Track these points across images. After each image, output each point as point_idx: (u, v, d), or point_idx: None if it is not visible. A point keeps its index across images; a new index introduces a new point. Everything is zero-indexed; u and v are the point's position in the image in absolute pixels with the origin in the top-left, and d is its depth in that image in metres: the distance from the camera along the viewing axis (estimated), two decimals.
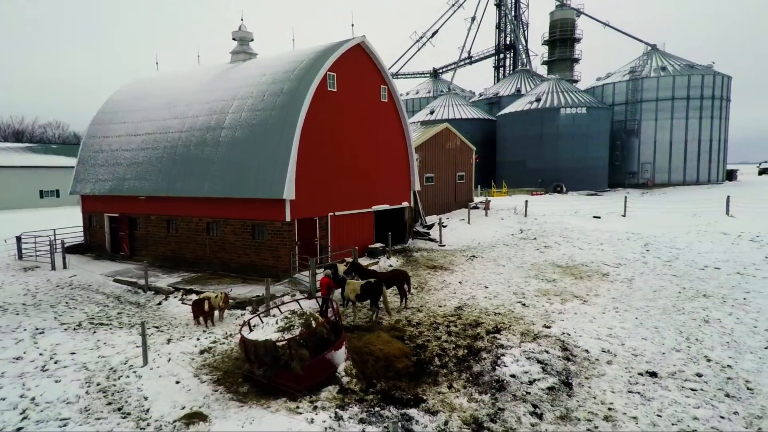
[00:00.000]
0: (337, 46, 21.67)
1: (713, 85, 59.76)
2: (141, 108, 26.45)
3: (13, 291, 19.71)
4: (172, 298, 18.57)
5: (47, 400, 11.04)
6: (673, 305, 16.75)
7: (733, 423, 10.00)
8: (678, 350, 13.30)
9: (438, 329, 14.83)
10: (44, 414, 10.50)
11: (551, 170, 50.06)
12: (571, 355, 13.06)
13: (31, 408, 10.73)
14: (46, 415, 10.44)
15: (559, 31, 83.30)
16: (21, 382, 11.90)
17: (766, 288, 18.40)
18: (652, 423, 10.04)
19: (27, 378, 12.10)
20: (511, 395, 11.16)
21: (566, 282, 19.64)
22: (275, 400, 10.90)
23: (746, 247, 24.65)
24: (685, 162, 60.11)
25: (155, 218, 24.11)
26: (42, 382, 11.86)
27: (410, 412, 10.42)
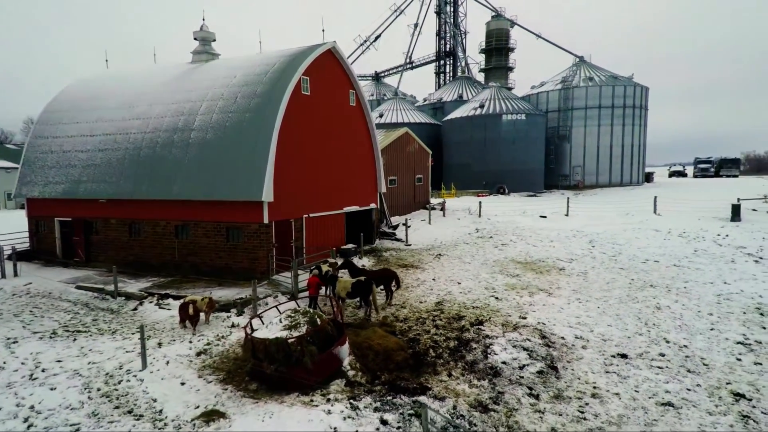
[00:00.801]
0: (309, 51, 21.98)
1: (633, 95, 64.91)
2: (95, 107, 25.38)
3: None
4: (147, 303, 18.13)
5: (49, 408, 10.78)
6: (627, 295, 18.53)
7: (698, 393, 11.50)
8: (640, 334, 14.87)
9: (425, 323, 15.62)
10: (50, 421, 10.29)
11: (494, 173, 52.56)
12: (550, 342, 14.25)
13: (33, 416, 10.47)
14: (52, 422, 10.24)
15: (495, 41, 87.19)
16: (12, 391, 11.48)
17: (700, 278, 20.69)
18: (632, 398, 11.34)
19: (17, 387, 11.68)
20: (507, 380, 12.13)
21: (529, 277, 21.07)
22: (288, 395, 11.22)
23: (676, 242, 27.37)
24: (611, 165, 64.83)
25: (116, 222, 23.25)
26: (36, 391, 11.49)
27: (420, 399, 11.08)
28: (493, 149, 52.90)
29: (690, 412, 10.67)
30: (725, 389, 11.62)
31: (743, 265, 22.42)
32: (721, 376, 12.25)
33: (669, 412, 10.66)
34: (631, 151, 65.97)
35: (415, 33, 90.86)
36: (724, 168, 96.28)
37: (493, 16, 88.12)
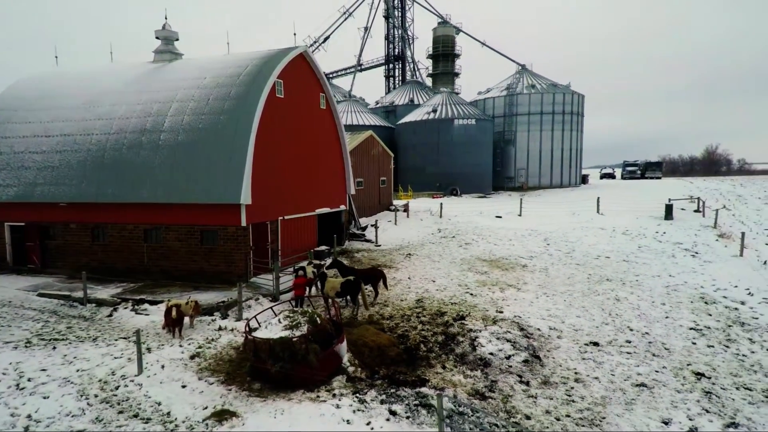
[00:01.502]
0: (282, 54, 22.08)
1: (571, 102, 68.63)
2: (48, 107, 24.22)
3: None
4: (121, 309, 17.63)
5: (48, 416, 10.55)
6: (587, 288, 19.99)
7: (665, 374, 12.82)
8: (606, 324, 16.20)
9: (410, 320, 16.25)
10: (53, 428, 10.13)
11: (447, 175, 54.09)
12: (529, 334, 15.27)
13: (32, 425, 10.26)
14: (55, 429, 10.03)
15: (441, 47, 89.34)
16: (4, 402, 11.07)
17: (648, 271, 22.59)
18: (610, 381, 12.49)
19: (5, 398, 11.29)
20: (498, 369, 12.97)
21: (496, 274, 22.18)
22: (293, 393, 11.52)
23: (622, 239, 29.55)
24: (551, 168, 68.23)
25: (76, 226, 22.31)
26: (28, 400, 11.16)
27: (423, 390, 11.68)
28: (446, 152, 54.47)
29: (661, 391, 11.90)
30: (687, 370, 13.01)
31: (683, 259, 24.63)
32: (682, 359, 13.67)
33: (644, 392, 11.85)
34: (570, 154, 69.71)
35: (365, 36, 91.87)
36: (648, 171, 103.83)
37: (440, 22, 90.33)
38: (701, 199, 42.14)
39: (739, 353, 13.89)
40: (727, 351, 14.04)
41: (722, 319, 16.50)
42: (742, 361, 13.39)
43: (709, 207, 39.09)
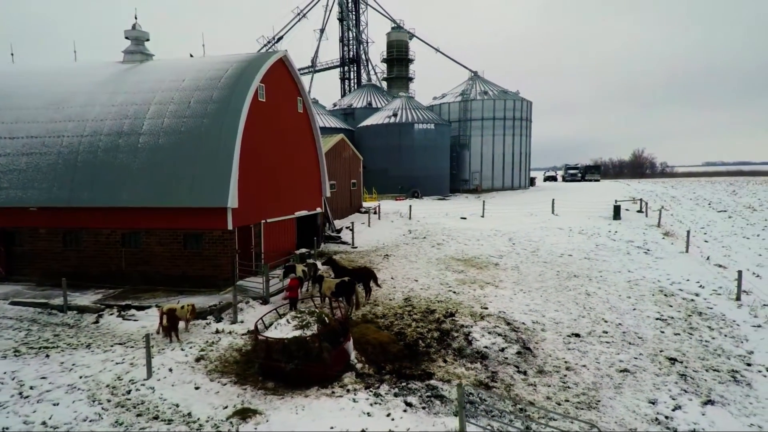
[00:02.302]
0: (264, 58, 22.14)
1: (521, 108, 71.53)
2: (10, 107, 23.12)
3: None
4: (107, 315, 17.18)
5: (64, 422, 10.45)
6: (559, 284, 21.29)
7: (643, 360, 14.06)
8: (583, 317, 17.42)
9: (404, 318, 16.85)
10: None
11: (409, 178, 55.13)
12: (515, 328, 16.23)
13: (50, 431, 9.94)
14: None
15: (396, 51, 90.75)
16: (8, 410, 10.86)
17: (609, 268, 24.26)
18: (597, 368, 13.58)
19: (12, 406, 11.05)
20: (495, 361, 13.80)
21: (473, 272, 23.16)
22: (308, 390, 11.87)
23: (579, 238, 31.41)
24: (503, 171, 70.86)
25: (45, 231, 21.43)
26: (38, 407, 10.98)
27: (431, 383, 12.31)
28: (407, 156, 55.50)
29: (643, 375, 13.09)
30: (661, 356, 14.32)
31: (637, 256, 26.59)
32: (654, 346, 15.00)
33: (628, 377, 13.00)
34: (520, 158, 72.64)
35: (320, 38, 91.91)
36: (588, 174, 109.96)
37: (393, 27, 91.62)
38: (643, 201, 45.28)
39: (703, 339, 15.40)
40: (692, 338, 15.53)
41: (682, 309, 18.13)
42: (706, 346, 14.87)
43: (650, 208, 42.09)
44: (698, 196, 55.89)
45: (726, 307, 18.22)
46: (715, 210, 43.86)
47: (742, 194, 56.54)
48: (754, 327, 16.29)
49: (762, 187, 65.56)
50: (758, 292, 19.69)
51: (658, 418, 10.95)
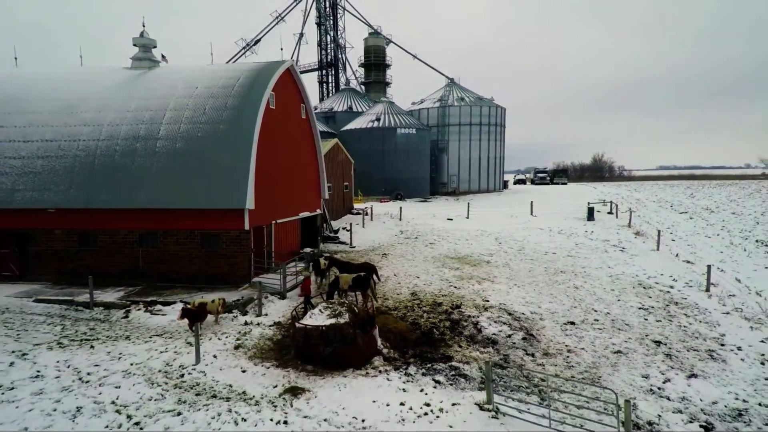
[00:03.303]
0: (274, 67, 23.15)
1: (495, 114, 74.01)
2: (22, 110, 23.43)
3: None
4: (135, 311, 17.90)
5: (132, 401, 11.32)
6: (549, 279, 22.99)
7: (633, 343, 15.72)
8: (575, 307, 19.09)
9: (414, 310, 18.18)
10: (144, 411, 10.94)
11: (392, 180, 56.57)
12: (517, 318, 17.76)
13: (122, 409, 10.97)
14: (147, 411, 10.90)
15: (373, 57, 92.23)
16: (76, 393, 11.67)
17: (591, 264, 26.14)
18: (594, 350, 15.17)
19: (76, 390, 11.86)
20: (505, 346, 15.27)
21: (468, 269, 24.67)
22: (345, 371, 13.09)
23: (560, 238, 33.38)
24: (479, 174, 73.16)
25: (61, 232, 21.88)
26: (103, 390, 11.86)
27: (453, 364, 13.68)
28: (390, 159, 56.94)
29: (634, 355, 14.77)
30: (647, 339, 16.05)
31: (614, 253, 28.63)
32: (641, 331, 16.75)
33: (622, 357, 14.65)
34: (495, 162, 75.14)
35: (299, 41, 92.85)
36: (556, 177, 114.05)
37: (371, 33, 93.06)
38: (613, 203, 47.92)
39: (681, 325, 17.25)
40: (672, 323, 17.36)
41: (660, 300, 20.03)
42: (684, 331, 16.71)
43: (619, 210, 44.67)
44: (660, 199, 59.20)
45: (698, 298, 20.23)
46: (677, 212, 46.83)
47: (699, 197, 60.17)
48: (724, 314, 18.29)
49: (716, 190, 69.71)
50: (724, 285, 21.85)
51: (653, 389, 12.60)
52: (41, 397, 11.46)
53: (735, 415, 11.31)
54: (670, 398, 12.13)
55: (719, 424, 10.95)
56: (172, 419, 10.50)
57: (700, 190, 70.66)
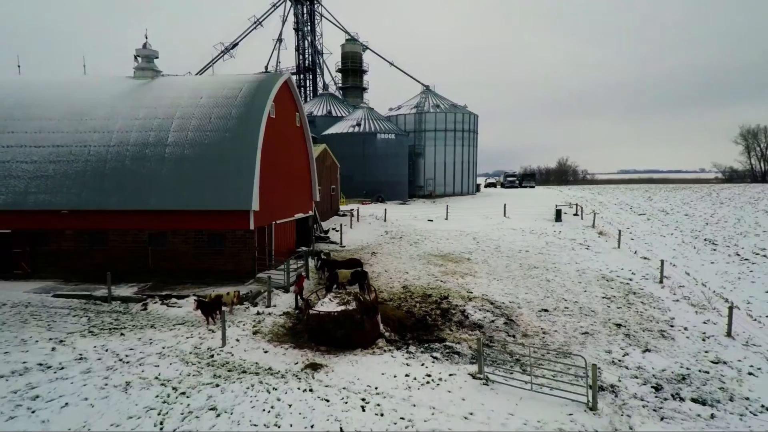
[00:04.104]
0: (274, 80, 24.73)
1: (469, 121, 76.76)
2: (31, 117, 24.36)
3: None
4: (152, 304, 19.21)
5: (173, 376, 12.85)
6: (523, 274, 25.22)
7: (598, 326, 17.96)
8: (547, 297, 21.31)
9: (407, 301, 20.08)
10: (186, 383, 12.51)
11: (373, 183, 58.35)
12: (497, 306, 19.84)
13: (166, 383, 12.47)
14: (189, 384, 12.48)
15: (350, 62, 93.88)
16: (121, 371, 13.13)
17: (560, 260, 28.53)
18: (565, 332, 17.34)
19: (120, 368, 13.33)
20: (490, 329, 17.33)
21: (451, 265, 26.71)
22: (354, 350, 14.89)
23: (531, 237, 35.81)
24: (454, 178, 75.73)
25: (72, 232, 22.93)
26: (144, 368, 13.38)
27: (447, 344, 15.64)
28: (371, 163, 58.74)
29: (599, 335, 17.01)
30: (610, 323, 18.33)
31: (580, 251, 31.16)
32: (604, 317, 19.04)
33: (589, 337, 16.87)
34: (468, 167, 77.87)
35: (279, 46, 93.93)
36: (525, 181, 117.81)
37: (348, 39, 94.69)
38: (579, 205, 50.93)
39: (638, 310, 19.64)
40: (630, 309, 19.74)
41: (621, 290, 22.46)
42: (641, 315, 19.10)
43: (584, 211, 47.64)
44: (621, 201, 62.72)
45: (652, 288, 22.76)
46: (636, 213, 50.12)
47: (656, 200, 64.00)
48: (674, 301, 20.80)
49: (671, 193, 73.98)
50: (675, 277, 24.50)
51: (614, 361, 14.81)
52: (90, 375, 12.88)
53: (679, 379, 13.60)
54: (628, 367, 14.36)
55: (667, 385, 13.19)
56: (213, 390, 12.10)
57: (657, 194, 74.82)
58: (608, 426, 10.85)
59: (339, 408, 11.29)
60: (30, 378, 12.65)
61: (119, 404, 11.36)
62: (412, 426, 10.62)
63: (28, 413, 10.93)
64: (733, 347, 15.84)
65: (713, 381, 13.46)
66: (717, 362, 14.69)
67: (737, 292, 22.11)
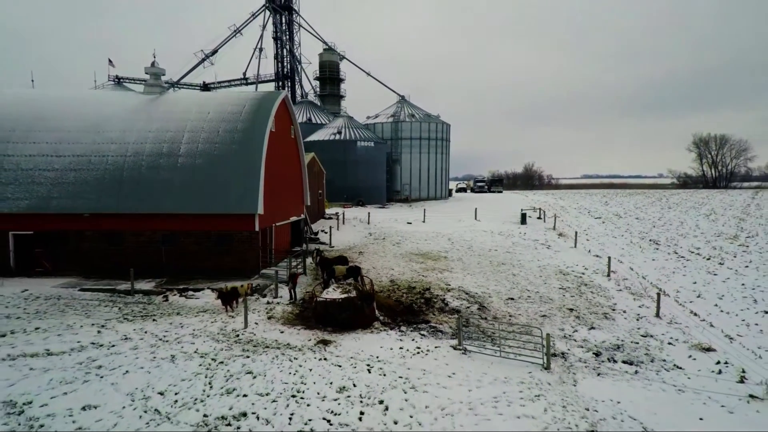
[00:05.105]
0: (274, 97, 27.28)
1: (442, 130, 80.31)
2: (50, 129, 26.20)
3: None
4: (171, 296, 21.47)
5: (207, 351, 15.26)
6: (493, 269, 28.38)
7: (554, 310, 21.17)
8: (513, 288, 24.49)
9: (395, 292, 22.91)
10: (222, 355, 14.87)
11: (354, 188, 61.05)
12: (472, 296, 22.87)
13: (205, 356, 14.83)
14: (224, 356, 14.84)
15: (328, 71, 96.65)
16: (165, 347, 15.48)
17: (524, 258, 31.84)
18: (527, 315, 20.49)
19: (162, 346, 15.63)
20: (466, 313, 20.30)
21: (430, 263, 29.67)
22: (355, 331, 17.60)
23: (499, 238, 39.16)
24: (428, 183, 79.11)
25: (91, 233, 24.89)
26: (183, 345, 15.73)
27: (431, 324, 18.54)
28: (351, 169, 61.47)
29: (555, 318, 20.21)
30: (564, 308, 21.58)
31: (542, 250, 34.62)
32: (559, 303, 22.29)
33: (547, 319, 20.05)
34: (441, 173, 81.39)
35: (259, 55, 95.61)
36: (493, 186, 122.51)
37: (325, 48, 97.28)
38: (542, 209, 54.83)
39: (588, 298, 22.99)
40: (581, 297, 23.07)
41: (574, 282, 25.85)
42: (589, 302, 22.43)
43: (547, 215, 51.49)
44: (581, 206, 67.15)
45: (601, 281, 26.23)
46: (593, 217, 54.31)
47: (612, 205, 68.73)
48: (617, 290, 24.28)
49: (626, 199, 79.07)
50: (620, 272, 28.09)
51: (565, 336, 17.98)
52: (138, 350, 15.21)
53: (615, 348, 16.85)
54: (576, 340, 17.55)
55: (605, 352, 16.41)
56: (245, 359, 14.63)
57: (614, 199, 79.84)
58: (558, 380, 13.92)
59: (350, 371, 14.00)
60: (88, 353, 14.91)
61: (171, 371, 13.79)
62: (409, 382, 13.42)
63: (98, 378, 13.26)
64: (659, 325, 19.29)
65: (640, 349, 16.78)
66: (645, 336, 18.06)
67: (670, 284, 25.81)
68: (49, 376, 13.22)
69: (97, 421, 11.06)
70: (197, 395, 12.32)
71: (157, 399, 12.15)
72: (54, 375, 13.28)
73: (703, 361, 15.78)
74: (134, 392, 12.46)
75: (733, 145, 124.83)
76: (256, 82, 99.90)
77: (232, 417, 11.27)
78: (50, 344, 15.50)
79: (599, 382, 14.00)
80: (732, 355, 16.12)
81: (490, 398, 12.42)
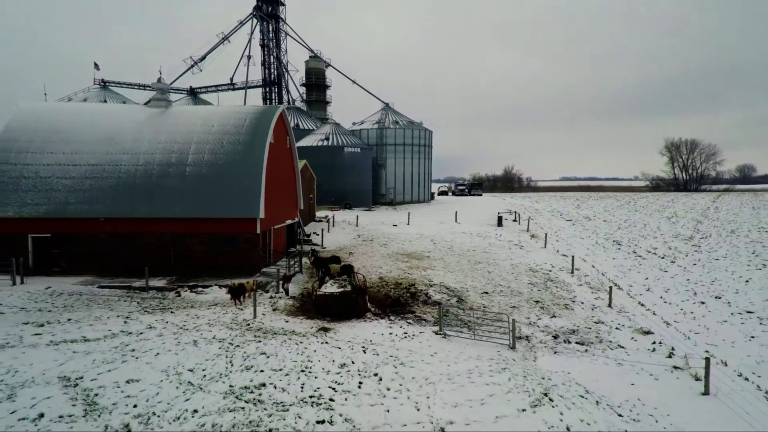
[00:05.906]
0: (272, 111, 29.50)
1: (425, 136, 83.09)
2: (66, 140, 27.96)
3: (21, 299, 21.12)
4: (183, 292, 23.53)
5: (225, 337, 17.42)
6: (471, 267, 30.98)
7: (522, 302, 23.79)
8: (488, 283, 27.09)
9: (384, 288, 25.31)
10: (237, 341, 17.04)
11: (341, 192, 63.37)
12: (452, 290, 25.38)
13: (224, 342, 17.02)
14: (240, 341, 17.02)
15: (314, 78, 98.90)
16: (187, 334, 17.57)
17: (499, 257, 34.52)
18: (500, 306, 23.06)
19: (184, 333, 17.75)
20: (446, 305, 22.76)
21: (415, 262, 32.16)
22: (350, 320, 19.93)
23: (477, 239, 41.87)
24: (412, 187, 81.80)
25: (105, 236, 26.75)
26: (203, 333, 17.84)
27: (416, 314, 21.01)
28: (339, 173, 63.77)
29: (523, 309, 22.82)
30: (531, 300, 24.22)
31: (515, 250, 37.39)
32: (528, 296, 24.93)
33: (515, 309, 22.66)
34: (424, 177, 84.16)
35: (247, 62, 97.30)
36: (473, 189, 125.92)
37: (311, 56, 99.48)
38: (517, 212, 57.83)
39: (552, 292, 25.70)
40: (547, 291, 25.77)
41: (542, 278, 28.58)
42: (554, 295, 25.13)
43: (521, 218, 54.50)
44: (554, 209, 70.42)
45: (565, 277, 29.02)
46: (565, 219, 57.47)
47: (583, 208, 72.20)
48: (579, 285, 27.07)
49: (597, 202, 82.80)
50: (583, 269, 30.95)
51: (531, 323, 20.62)
52: (163, 337, 17.32)
53: (571, 332, 19.52)
54: (539, 326, 20.19)
55: (561, 335, 19.06)
56: (258, 344, 16.87)
57: (585, 203, 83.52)
58: (521, 356, 16.49)
59: (348, 352, 16.34)
60: (120, 339, 16.98)
61: (195, 352, 15.96)
62: (398, 360, 15.81)
63: (134, 359, 15.37)
64: (610, 313, 22.08)
65: (592, 333, 19.49)
66: (597, 322, 20.81)
67: (626, 279, 28.75)
68: (92, 357, 15.29)
69: (141, 391, 13.20)
70: (221, 371, 14.53)
71: (187, 374, 14.32)
72: (95, 356, 15.35)
73: (642, 342, 18.55)
74: (167, 369, 14.60)
75: (703, 149, 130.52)
76: (243, 87, 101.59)
77: (253, 386, 13.52)
78: (85, 332, 17.52)
79: (555, 358, 16.61)
80: (666, 337, 18.95)
81: (465, 371, 14.91)
